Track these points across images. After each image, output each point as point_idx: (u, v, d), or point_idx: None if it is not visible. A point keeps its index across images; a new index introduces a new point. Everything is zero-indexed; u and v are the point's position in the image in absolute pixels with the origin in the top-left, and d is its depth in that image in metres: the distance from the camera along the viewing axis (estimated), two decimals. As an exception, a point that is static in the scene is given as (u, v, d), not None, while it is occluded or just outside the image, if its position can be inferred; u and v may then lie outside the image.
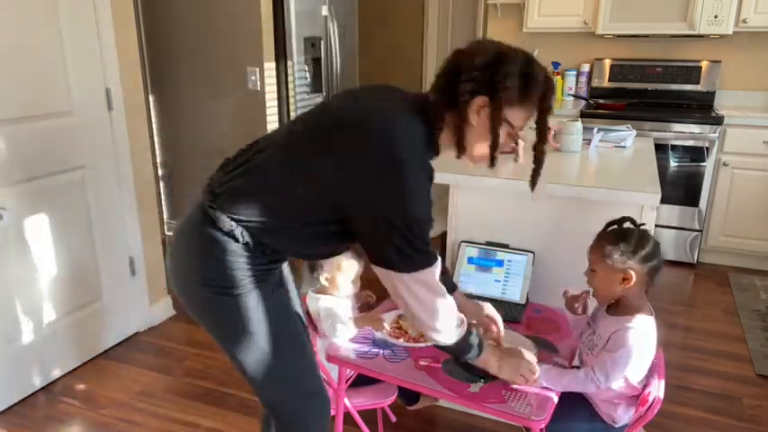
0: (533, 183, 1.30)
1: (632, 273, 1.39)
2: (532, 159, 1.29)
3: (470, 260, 1.95)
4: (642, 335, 1.40)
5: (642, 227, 1.46)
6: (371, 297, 1.87)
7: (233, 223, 1.21)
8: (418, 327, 1.30)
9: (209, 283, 1.24)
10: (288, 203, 1.21)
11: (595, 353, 1.46)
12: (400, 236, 1.15)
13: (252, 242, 1.22)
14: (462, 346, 1.32)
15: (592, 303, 1.60)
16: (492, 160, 1.27)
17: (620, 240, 1.41)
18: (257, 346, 1.28)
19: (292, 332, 1.34)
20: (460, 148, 1.24)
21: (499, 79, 1.16)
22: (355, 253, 1.70)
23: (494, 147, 1.23)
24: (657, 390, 1.39)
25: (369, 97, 1.28)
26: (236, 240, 1.21)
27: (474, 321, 1.47)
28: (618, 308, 1.47)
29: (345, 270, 1.71)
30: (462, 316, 1.32)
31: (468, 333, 1.32)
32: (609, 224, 1.49)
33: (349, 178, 1.15)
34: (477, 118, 1.20)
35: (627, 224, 1.46)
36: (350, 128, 1.18)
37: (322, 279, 1.73)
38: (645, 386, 1.45)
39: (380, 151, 1.14)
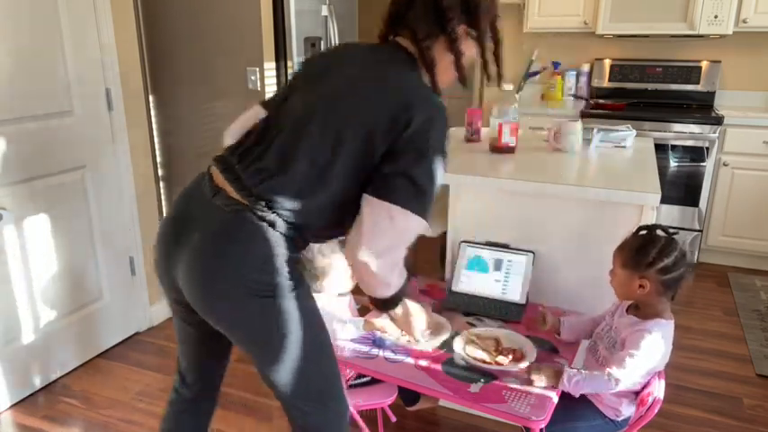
0: (498, 78, 1.32)
1: (647, 283, 1.41)
2: (494, 62, 1.31)
3: (470, 260, 1.94)
4: (658, 340, 1.42)
5: (673, 235, 1.44)
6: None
7: (272, 213, 1.17)
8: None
9: (250, 284, 1.17)
10: (325, 174, 1.18)
11: (614, 350, 1.48)
12: (428, 175, 1.17)
13: (289, 232, 1.19)
14: (390, 301, 1.32)
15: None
16: (488, 78, 1.32)
17: (641, 249, 1.42)
18: (296, 350, 1.22)
19: (326, 333, 1.30)
20: (463, 78, 1.28)
21: (476, 5, 1.23)
22: (342, 247, 1.70)
23: (494, 63, 1.30)
24: (657, 390, 1.39)
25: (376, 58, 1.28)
26: (276, 230, 1.17)
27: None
28: (638, 310, 1.49)
29: (337, 267, 1.71)
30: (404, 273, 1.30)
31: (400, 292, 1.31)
32: (640, 228, 1.48)
33: (397, 127, 1.14)
34: (466, 45, 1.26)
35: (659, 231, 1.45)
36: (389, 86, 1.19)
37: (318, 284, 1.73)
38: (645, 386, 1.45)
39: (426, 101, 1.18)
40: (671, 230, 1.45)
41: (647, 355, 1.40)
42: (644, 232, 1.47)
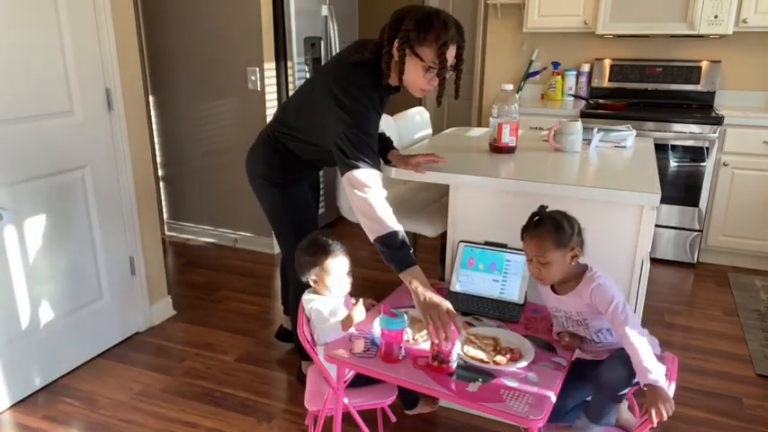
0: (437, 98, 1.81)
1: (578, 250, 1.53)
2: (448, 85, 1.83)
3: (469, 260, 1.95)
4: (607, 277, 1.52)
5: (546, 208, 1.57)
6: (373, 304, 1.86)
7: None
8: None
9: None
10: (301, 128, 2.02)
11: (587, 329, 1.56)
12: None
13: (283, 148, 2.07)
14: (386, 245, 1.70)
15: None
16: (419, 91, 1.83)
17: (559, 227, 1.51)
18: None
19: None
20: (400, 80, 1.82)
21: (400, 27, 1.73)
22: (341, 250, 1.75)
23: (400, 72, 1.78)
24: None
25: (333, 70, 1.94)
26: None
27: None
28: (564, 284, 1.57)
29: (332, 269, 1.72)
30: (392, 221, 1.72)
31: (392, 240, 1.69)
32: (534, 215, 1.57)
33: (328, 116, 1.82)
34: (398, 55, 1.75)
35: (546, 210, 1.57)
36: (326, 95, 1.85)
37: (310, 280, 1.74)
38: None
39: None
40: (545, 206, 1.58)
41: (618, 294, 1.48)
42: (537, 217, 1.56)
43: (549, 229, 1.51)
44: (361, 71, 1.82)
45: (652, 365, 1.37)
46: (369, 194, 1.72)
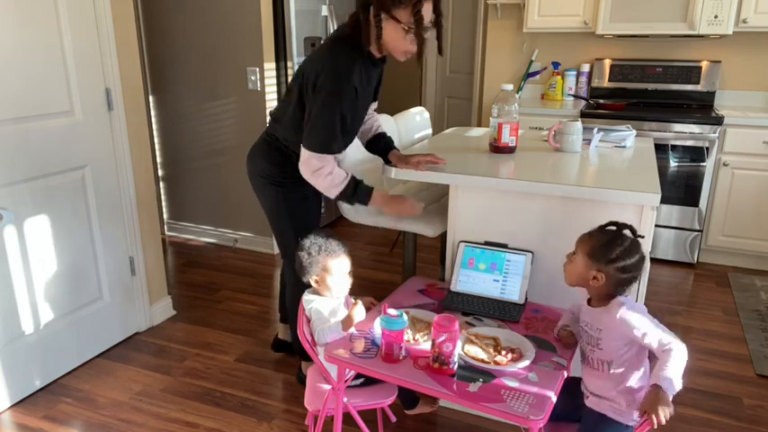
0: (418, 58, 1.86)
1: (603, 276, 1.45)
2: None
3: (469, 260, 1.95)
4: (633, 308, 1.45)
5: (639, 238, 1.48)
6: (374, 303, 1.87)
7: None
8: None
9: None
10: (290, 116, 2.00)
11: (596, 349, 1.49)
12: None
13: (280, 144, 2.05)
14: (344, 198, 1.96)
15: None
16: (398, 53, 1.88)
17: (608, 244, 1.45)
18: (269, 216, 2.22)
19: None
20: (381, 47, 1.86)
21: None
22: (343, 250, 1.74)
23: (378, 37, 1.82)
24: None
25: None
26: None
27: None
28: (596, 300, 1.53)
29: (334, 270, 1.72)
30: (343, 176, 1.93)
31: (348, 191, 1.93)
32: (610, 223, 1.52)
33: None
34: (374, 21, 1.79)
35: (626, 231, 1.49)
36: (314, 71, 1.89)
37: (312, 281, 1.74)
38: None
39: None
40: (637, 234, 1.49)
41: (647, 319, 1.42)
42: (612, 228, 1.50)
43: (599, 238, 1.47)
44: (342, 46, 1.87)
45: (673, 374, 1.33)
46: (321, 172, 1.90)
